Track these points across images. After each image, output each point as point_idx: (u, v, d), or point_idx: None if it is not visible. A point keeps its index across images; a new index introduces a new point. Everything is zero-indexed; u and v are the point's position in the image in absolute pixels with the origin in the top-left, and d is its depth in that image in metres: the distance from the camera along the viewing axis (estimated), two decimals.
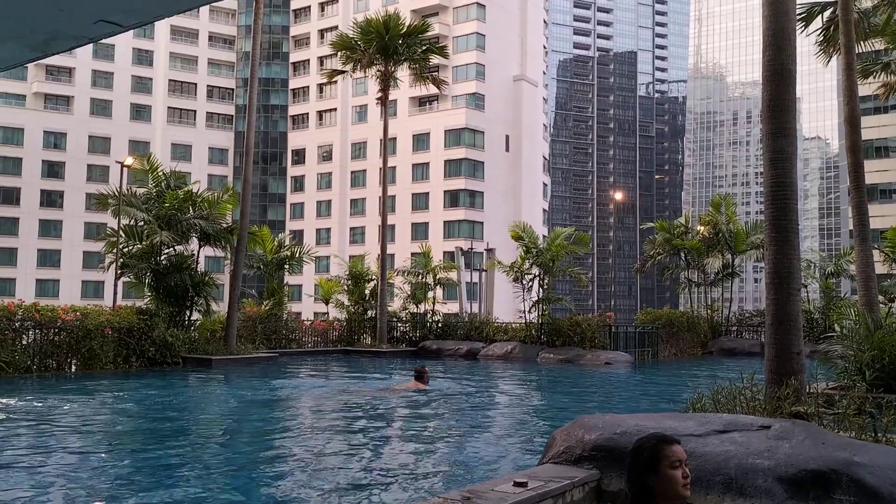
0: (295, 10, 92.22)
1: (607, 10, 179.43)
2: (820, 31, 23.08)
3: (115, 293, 26.65)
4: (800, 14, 20.76)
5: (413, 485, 7.91)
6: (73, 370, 20.41)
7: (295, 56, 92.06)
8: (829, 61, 24.29)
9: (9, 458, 9.30)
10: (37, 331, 20.00)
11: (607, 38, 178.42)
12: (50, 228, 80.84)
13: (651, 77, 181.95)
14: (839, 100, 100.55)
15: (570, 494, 6.39)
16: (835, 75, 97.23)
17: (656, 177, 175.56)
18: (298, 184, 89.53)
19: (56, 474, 8.50)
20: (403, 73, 34.41)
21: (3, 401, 14.51)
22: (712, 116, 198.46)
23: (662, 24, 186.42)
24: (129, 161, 28.90)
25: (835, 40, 22.49)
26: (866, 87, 27.56)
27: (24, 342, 19.86)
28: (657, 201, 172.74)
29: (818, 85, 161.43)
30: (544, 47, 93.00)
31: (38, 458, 9.50)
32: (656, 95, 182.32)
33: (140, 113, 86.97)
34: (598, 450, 6.89)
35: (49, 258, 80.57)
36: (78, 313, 20.66)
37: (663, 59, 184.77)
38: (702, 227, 35.81)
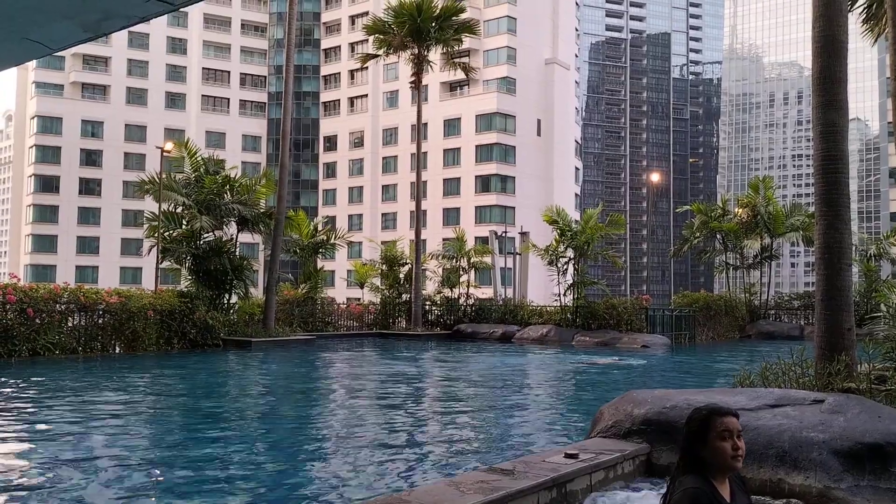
0: None
1: None
2: (863, 7, 22.49)
3: (157, 277, 27.10)
4: None
5: None
6: (117, 351, 20.84)
7: (326, 43, 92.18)
8: (874, 40, 23.67)
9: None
10: (81, 313, 20.44)
11: (640, 19, 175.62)
12: (89, 216, 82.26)
13: (685, 59, 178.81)
14: (880, 80, 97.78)
15: (620, 467, 6.39)
16: (876, 55, 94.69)
17: (690, 160, 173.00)
18: (330, 170, 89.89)
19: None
20: (435, 56, 34.34)
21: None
22: (748, 98, 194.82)
23: (696, 5, 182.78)
24: (168, 147, 29.26)
25: (879, 16, 21.92)
26: None
27: (70, 324, 20.30)
28: (691, 185, 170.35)
29: (857, 65, 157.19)
30: (576, 30, 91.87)
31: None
32: (690, 77, 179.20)
33: (175, 101, 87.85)
34: (648, 424, 6.88)
35: (88, 245, 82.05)
36: (121, 296, 21.08)
37: (697, 40, 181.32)
38: (740, 210, 35.28)
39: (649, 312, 28.16)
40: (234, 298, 25.71)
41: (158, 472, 7.56)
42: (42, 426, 10.25)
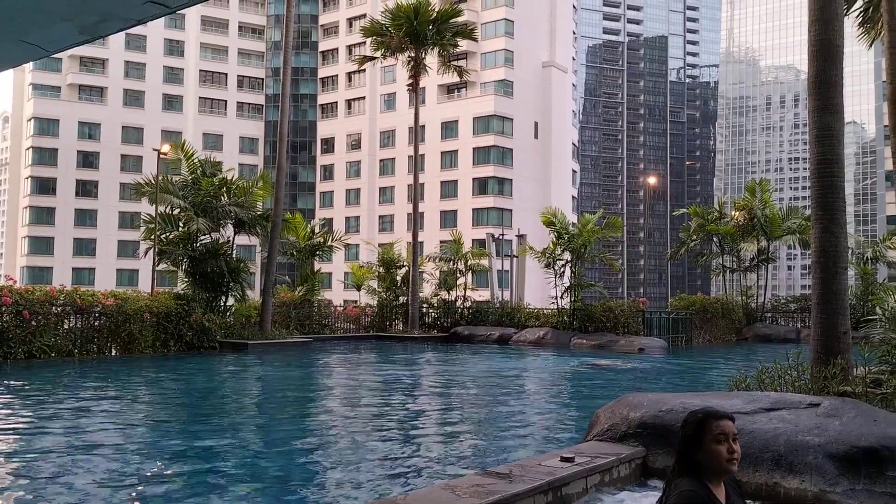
0: (324, 0, 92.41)
1: None
2: (859, 11, 22.55)
3: (153, 279, 27.06)
4: None
5: None
6: (113, 354, 20.80)
7: (324, 45, 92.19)
8: (871, 44, 23.72)
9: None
10: (78, 315, 20.38)
11: (637, 22, 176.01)
12: (85, 218, 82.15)
13: (682, 62, 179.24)
14: (876, 83, 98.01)
15: (616, 471, 6.40)
16: (872, 58, 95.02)
17: (687, 163, 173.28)
18: (328, 172, 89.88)
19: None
20: (433, 59, 34.40)
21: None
22: (745, 101, 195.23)
23: (693, 8, 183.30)
24: (164, 149, 29.23)
25: (875, 20, 21.98)
26: None
27: (66, 327, 20.25)
28: (688, 188, 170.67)
29: (853, 68, 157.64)
30: (573, 33, 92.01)
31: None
32: (687, 80, 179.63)
33: (172, 103, 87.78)
34: (644, 427, 6.88)
35: (85, 247, 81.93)
36: (117, 298, 21.04)
37: (694, 43, 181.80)
38: (736, 213, 35.36)
39: (646, 315, 28.17)
40: (231, 301, 25.68)
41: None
42: (37, 427, 10.22)
